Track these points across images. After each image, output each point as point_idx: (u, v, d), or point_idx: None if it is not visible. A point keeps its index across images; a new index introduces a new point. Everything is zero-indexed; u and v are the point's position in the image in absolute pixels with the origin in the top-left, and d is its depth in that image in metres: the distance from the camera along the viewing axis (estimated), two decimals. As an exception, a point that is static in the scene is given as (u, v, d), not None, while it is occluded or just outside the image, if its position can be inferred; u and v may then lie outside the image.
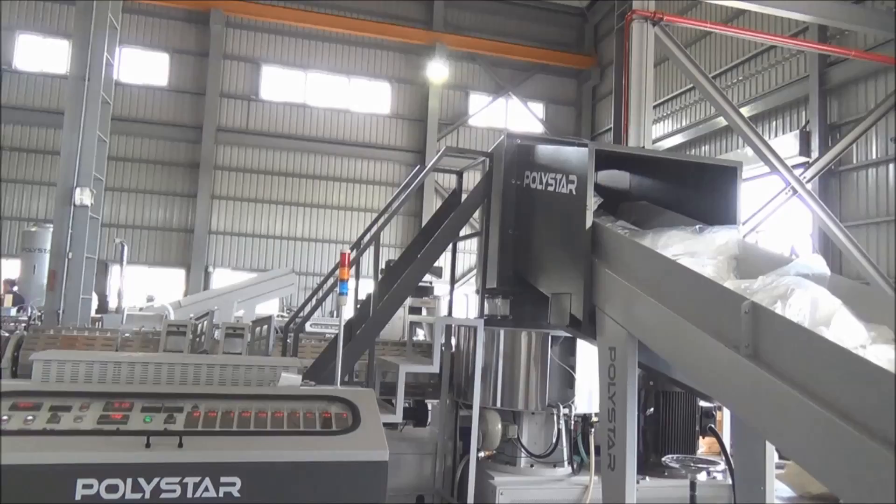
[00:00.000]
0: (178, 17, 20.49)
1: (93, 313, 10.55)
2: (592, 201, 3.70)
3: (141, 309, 12.02)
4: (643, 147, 9.14)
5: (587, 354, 4.49)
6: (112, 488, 2.66)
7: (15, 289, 13.69)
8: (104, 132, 9.58)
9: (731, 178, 4.03)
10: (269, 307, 15.28)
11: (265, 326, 5.23)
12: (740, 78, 15.96)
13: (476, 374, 4.51)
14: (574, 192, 3.84)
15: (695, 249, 3.57)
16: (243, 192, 20.74)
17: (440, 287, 15.75)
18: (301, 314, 5.93)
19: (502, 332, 4.69)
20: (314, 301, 5.87)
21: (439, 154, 5.16)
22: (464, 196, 5.40)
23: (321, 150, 21.38)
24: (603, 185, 4.52)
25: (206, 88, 20.40)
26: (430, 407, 5.37)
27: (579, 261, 3.64)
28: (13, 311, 11.01)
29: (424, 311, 11.52)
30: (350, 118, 21.84)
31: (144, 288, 18.15)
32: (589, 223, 3.62)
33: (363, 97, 22.14)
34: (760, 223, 11.00)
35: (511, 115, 23.43)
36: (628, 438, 3.17)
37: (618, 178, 4.89)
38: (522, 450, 4.61)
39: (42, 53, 19.70)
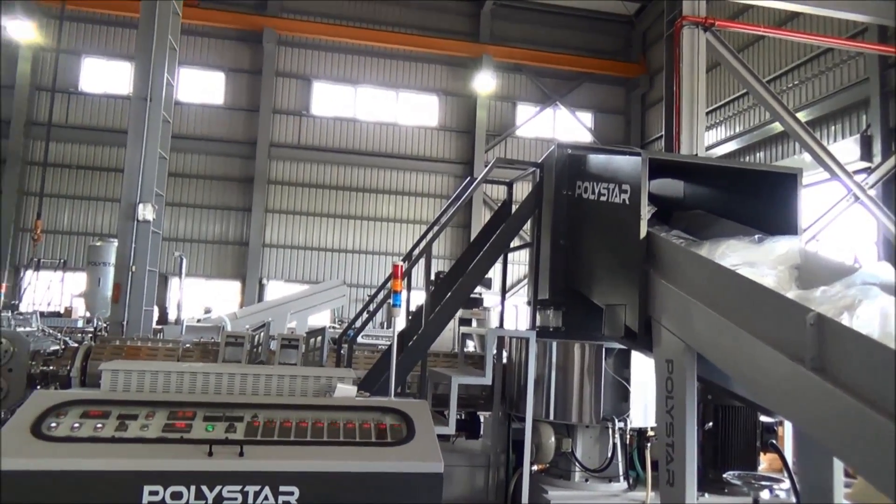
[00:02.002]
0: (233, 37, 21.15)
1: (154, 324, 10.91)
2: (646, 211, 3.65)
3: (199, 320, 12.37)
4: (696, 154, 8.97)
5: (642, 367, 4.42)
6: (176, 495, 2.74)
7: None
8: (165, 150, 9.94)
9: (791, 185, 3.91)
10: (321, 318, 15.52)
11: (319, 337, 5.31)
12: (796, 82, 15.50)
13: (528, 386, 4.48)
14: (627, 202, 3.80)
15: (754, 259, 3.47)
16: (296, 205, 21.18)
17: (490, 298, 15.72)
18: (354, 325, 6.01)
19: (555, 344, 4.65)
20: (367, 312, 5.94)
21: (490, 165, 5.18)
22: (514, 207, 5.40)
23: (371, 164, 21.68)
24: (656, 194, 4.45)
25: (259, 105, 20.96)
26: (482, 419, 5.36)
27: (633, 271, 3.59)
28: (80, 323, 11.47)
29: (474, 323, 11.49)
30: (398, 131, 22.10)
31: (202, 300, 18.69)
32: (643, 233, 3.57)
33: (411, 110, 22.38)
34: (821, 231, 10.63)
35: (559, 124, 23.30)
36: (687, 454, 3.09)
37: (671, 186, 4.81)
38: (577, 464, 4.54)
39: (106, 75, 20.59)
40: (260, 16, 21.02)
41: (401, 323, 4.39)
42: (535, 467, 4.62)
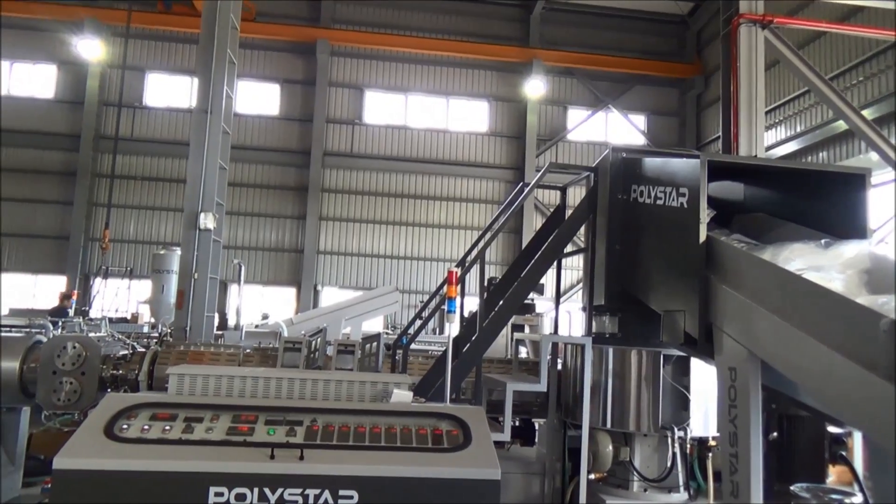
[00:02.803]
0: (287, 49, 21.68)
1: (215, 330, 11.23)
2: (705, 214, 3.57)
3: (256, 326, 12.67)
4: (756, 156, 8.72)
5: (702, 374, 4.31)
6: (240, 497, 2.82)
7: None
8: (224, 160, 10.25)
9: (859, 186, 3.76)
10: (375, 324, 15.69)
11: (374, 343, 5.37)
12: (860, 79, 14.88)
13: (584, 393, 4.43)
14: (685, 206, 3.72)
15: (820, 263, 3.34)
16: (349, 212, 21.52)
17: (542, 304, 15.59)
18: (408, 331, 6.06)
19: (611, 351, 4.58)
20: (422, 318, 5.98)
21: (543, 170, 5.15)
22: (567, 212, 5.36)
23: (422, 171, 21.86)
24: (714, 197, 4.34)
25: (313, 115, 21.41)
26: (536, 426, 5.32)
27: (693, 276, 3.51)
28: (146, 328, 11.91)
29: (527, 329, 11.43)
30: (449, 138, 22.21)
31: (259, 306, 19.17)
32: (702, 237, 3.49)
33: (461, 116, 22.47)
34: (890, 233, 10.17)
35: (611, 128, 23.00)
36: (752, 464, 3.00)
37: (730, 189, 4.68)
38: (635, 473, 4.46)
39: (168, 90, 21.40)
40: (313, 27, 21.50)
41: (455, 329, 4.40)
42: (592, 476, 4.56)
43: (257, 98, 21.45)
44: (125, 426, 3.06)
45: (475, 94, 22.52)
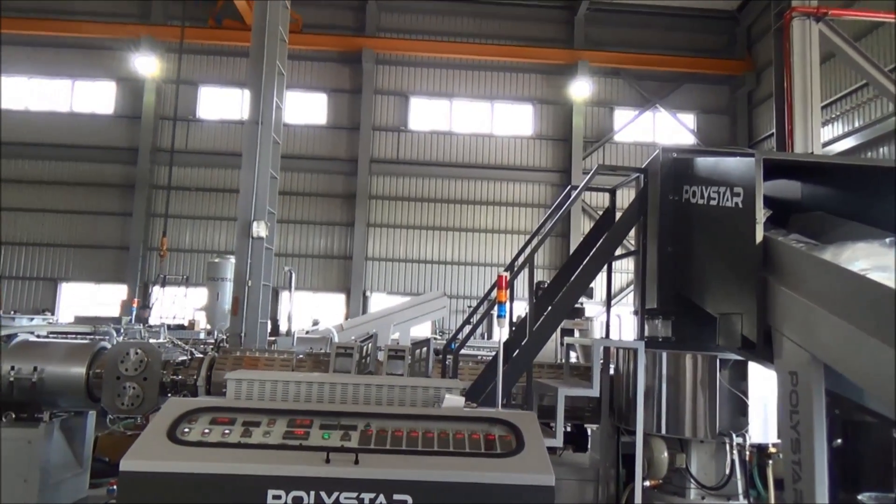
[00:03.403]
0: (334, 59, 22.04)
1: (268, 336, 11.47)
2: (762, 214, 3.48)
3: (307, 332, 12.88)
4: (812, 153, 8.45)
5: (761, 379, 4.19)
6: (298, 500, 2.87)
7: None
8: (275, 170, 10.49)
9: (926, 182, 3.61)
10: (423, 329, 15.77)
11: (424, 348, 5.40)
12: (924, 70, 14.25)
13: (638, 398, 4.35)
14: (740, 205, 3.64)
15: (885, 263, 3.22)
16: (396, 219, 21.71)
17: (591, 308, 15.38)
18: (458, 336, 6.08)
19: (665, 355, 4.49)
20: (471, 323, 5.99)
21: (591, 172, 5.10)
22: (617, 214, 5.29)
23: (467, 175, 21.89)
24: (770, 197, 4.23)
25: (359, 123, 21.69)
26: (589, 431, 5.26)
27: (750, 278, 3.42)
28: (202, 335, 12.25)
29: (577, 333, 11.30)
30: (494, 142, 22.19)
31: (309, 312, 19.49)
32: (759, 237, 3.41)
33: (506, 120, 22.43)
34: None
35: (659, 128, 22.61)
36: (817, 472, 2.91)
37: (786, 187, 4.55)
38: (692, 480, 4.36)
39: (220, 102, 22.01)
40: (358, 37, 21.81)
41: (505, 334, 4.40)
42: (647, 483, 4.47)
43: (305, 108, 21.85)
44: (187, 430, 3.15)
45: (520, 97, 22.45)
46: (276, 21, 10.49)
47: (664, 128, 22.55)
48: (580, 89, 21.40)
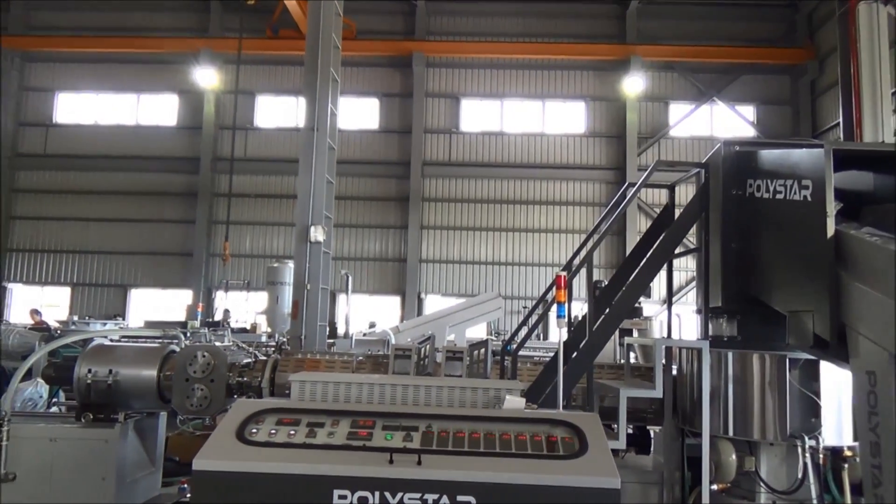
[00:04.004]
0: (385, 64, 22.29)
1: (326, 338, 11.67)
2: (832, 207, 3.35)
3: (364, 334, 13.07)
4: (883, 141, 8.07)
5: (834, 378, 4.03)
6: (363, 500, 2.91)
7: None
8: (331, 175, 10.67)
9: None
10: (478, 331, 15.77)
11: (482, 350, 5.40)
12: None
13: (703, 399, 4.24)
14: (809, 199, 3.51)
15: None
16: (449, 220, 21.78)
17: (649, 307, 15.08)
18: (515, 337, 6.05)
19: (731, 355, 4.36)
20: (529, 324, 5.96)
21: (650, 169, 4.99)
22: (676, 211, 5.17)
23: (520, 175, 21.79)
24: (840, 189, 4.05)
25: (411, 126, 21.86)
26: (651, 433, 5.15)
27: (821, 274, 3.30)
28: (264, 338, 12.56)
29: (635, 333, 11.11)
30: (546, 141, 22.02)
31: (366, 314, 19.75)
32: (830, 231, 3.28)
33: (557, 119, 22.22)
34: None
35: (717, 121, 21.98)
36: (899, 476, 2.77)
37: (857, 179, 4.34)
38: (762, 484, 4.22)
39: (276, 111, 22.55)
40: (409, 41, 21.99)
41: (564, 334, 4.35)
42: (714, 486, 4.36)
43: (358, 113, 22.16)
44: (254, 430, 3.24)
45: (571, 95, 22.21)
46: (329, 28, 10.69)
47: (722, 121, 21.91)
48: (633, 85, 21.02)
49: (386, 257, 21.87)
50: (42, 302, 21.35)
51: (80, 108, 22.87)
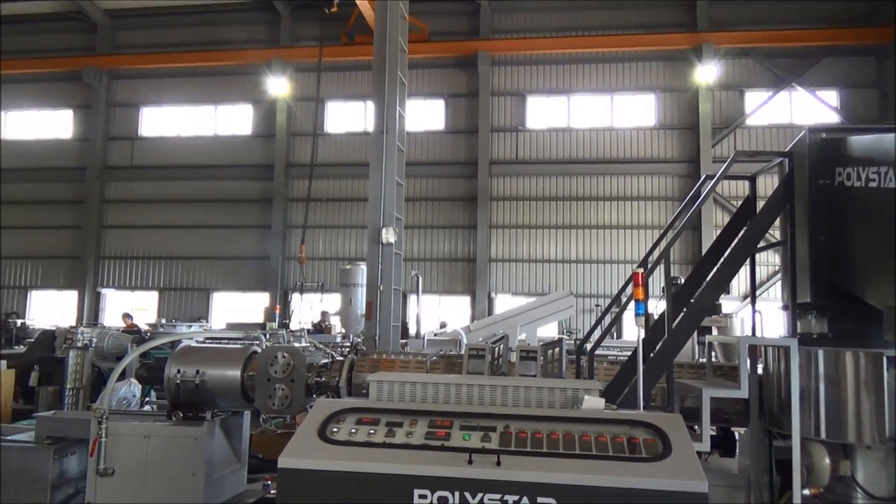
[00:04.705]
0: (450, 64, 22.38)
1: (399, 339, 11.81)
2: (933, 195, 3.14)
3: (436, 334, 13.16)
4: None
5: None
6: (443, 500, 2.93)
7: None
8: (401, 177, 10.80)
9: None
10: (549, 330, 15.61)
11: (556, 349, 5.34)
12: None
13: (793, 400, 4.05)
14: (907, 187, 3.30)
15: None
16: (518, 219, 21.65)
17: (727, 304, 14.53)
18: (590, 336, 5.96)
19: (821, 353, 4.15)
20: (603, 323, 5.86)
21: (729, 160, 4.81)
22: (758, 203, 4.97)
23: (589, 171, 21.44)
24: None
25: (477, 126, 21.86)
26: (736, 435, 4.97)
27: (923, 267, 3.09)
28: (339, 338, 12.86)
29: (715, 331, 10.74)
30: (615, 135, 21.57)
31: (436, 315, 19.89)
32: (932, 221, 3.07)
33: (627, 112, 21.74)
34: None
35: (797, 108, 20.96)
36: None
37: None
38: (859, 490, 3.99)
39: (345, 116, 23.01)
40: (473, 41, 21.99)
41: (642, 333, 4.25)
42: (806, 491, 4.15)
43: (424, 115, 22.33)
44: (335, 429, 3.31)
45: (641, 87, 21.66)
46: (396, 32, 10.82)
47: (803, 108, 20.88)
48: (706, 74, 20.32)
49: (455, 257, 21.95)
50: (132, 306, 22.57)
51: (162, 121, 24.04)
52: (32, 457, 5.66)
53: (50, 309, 23.64)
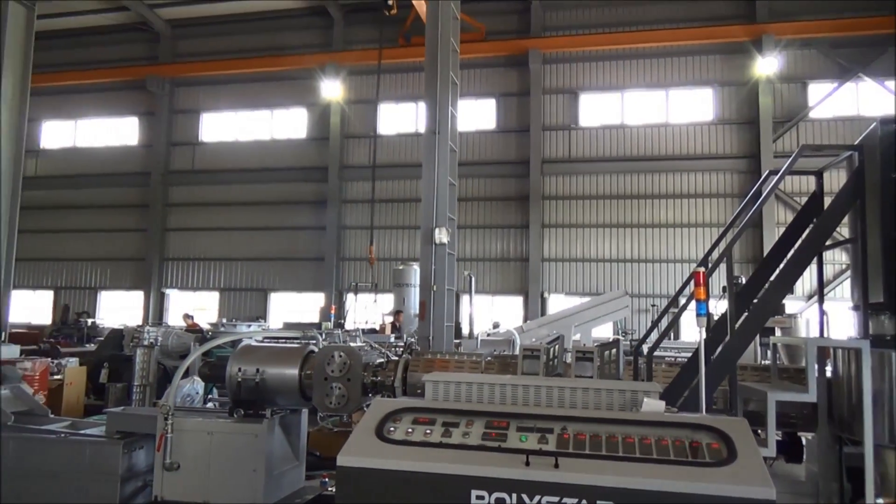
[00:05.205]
0: (501, 63, 22.30)
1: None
2: None
3: (489, 334, 13.14)
4: None
5: None
6: (500, 501, 2.91)
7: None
8: (453, 177, 10.82)
9: None
10: (604, 330, 15.39)
11: (613, 350, 5.25)
12: None
13: (865, 405, 3.88)
14: None
15: None
16: (571, 218, 21.41)
17: (791, 303, 14.01)
18: (648, 337, 5.84)
19: (895, 356, 3.97)
20: (661, 324, 5.73)
21: (794, 154, 4.64)
22: (826, 199, 4.78)
23: (643, 169, 21.03)
24: None
25: (529, 125, 21.71)
26: (804, 441, 4.79)
27: None
28: (392, 338, 12.97)
29: (778, 332, 10.38)
30: (670, 131, 21.10)
31: (489, 315, 19.86)
32: None
33: (683, 107, 21.22)
34: None
35: (863, 99, 20.04)
36: None
37: None
38: (939, 499, 3.80)
39: (397, 117, 23.19)
40: (524, 39, 21.85)
41: (704, 334, 4.13)
42: (880, 500, 3.97)
43: (475, 114, 22.30)
44: (392, 428, 3.33)
45: (697, 81, 21.11)
46: (447, 32, 10.85)
47: (870, 98, 19.95)
48: (766, 66, 19.66)
49: (508, 257, 21.86)
50: (193, 306, 23.33)
51: (221, 126, 24.76)
52: (103, 451, 5.89)
53: (118, 309, 24.67)
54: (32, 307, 25.03)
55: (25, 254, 15.09)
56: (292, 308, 23.41)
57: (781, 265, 4.58)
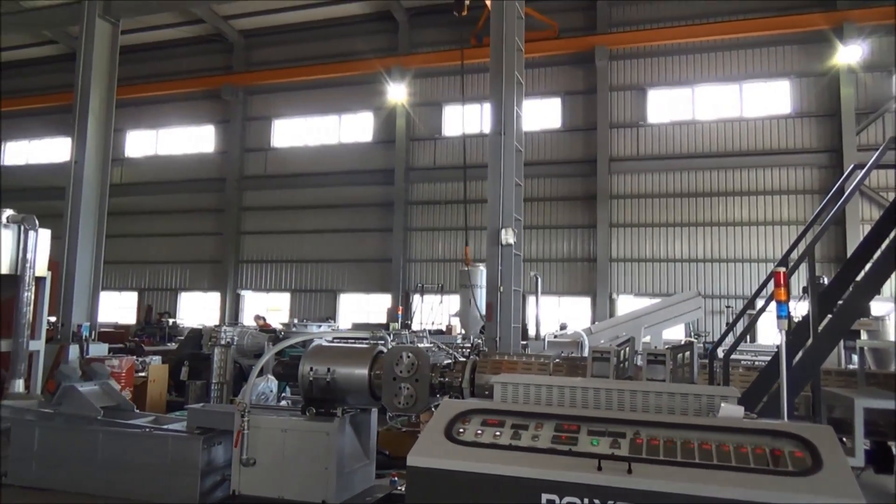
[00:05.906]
0: (566, 61, 22.01)
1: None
2: None
3: (555, 335, 13.00)
4: None
5: None
6: (571, 505, 2.88)
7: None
8: (519, 177, 10.76)
9: None
10: (675, 332, 14.96)
11: (686, 353, 5.10)
12: None
13: (965, 413, 3.63)
14: None
15: None
16: (640, 217, 20.92)
17: (877, 305, 13.22)
18: (724, 340, 5.65)
19: None
20: (738, 326, 5.52)
21: (882, 147, 4.41)
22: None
23: (716, 165, 20.33)
24: None
25: (595, 123, 21.35)
26: (894, 450, 4.53)
27: None
28: (458, 339, 13.01)
29: (864, 335, 9.83)
30: (745, 126, 20.31)
31: (555, 316, 19.63)
32: None
33: (757, 101, 20.39)
34: None
35: (961, 86, 18.75)
36: None
37: None
38: None
39: (460, 119, 23.23)
40: (589, 36, 21.51)
41: (784, 336, 3.96)
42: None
43: (541, 114, 22.09)
44: (461, 430, 3.35)
45: (772, 73, 20.23)
46: (512, 31, 10.80)
47: (967, 85, 18.66)
48: (848, 55, 18.65)
49: (575, 258, 21.56)
50: (267, 306, 24.07)
51: (291, 131, 25.47)
52: (185, 445, 6.17)
53: (197, 309, 25.74)
54: (119, 307, 26.41)
55: (112, 257, 15.96)
56: (360, 309, 23.83)
57: (868, 265, 4.34)
